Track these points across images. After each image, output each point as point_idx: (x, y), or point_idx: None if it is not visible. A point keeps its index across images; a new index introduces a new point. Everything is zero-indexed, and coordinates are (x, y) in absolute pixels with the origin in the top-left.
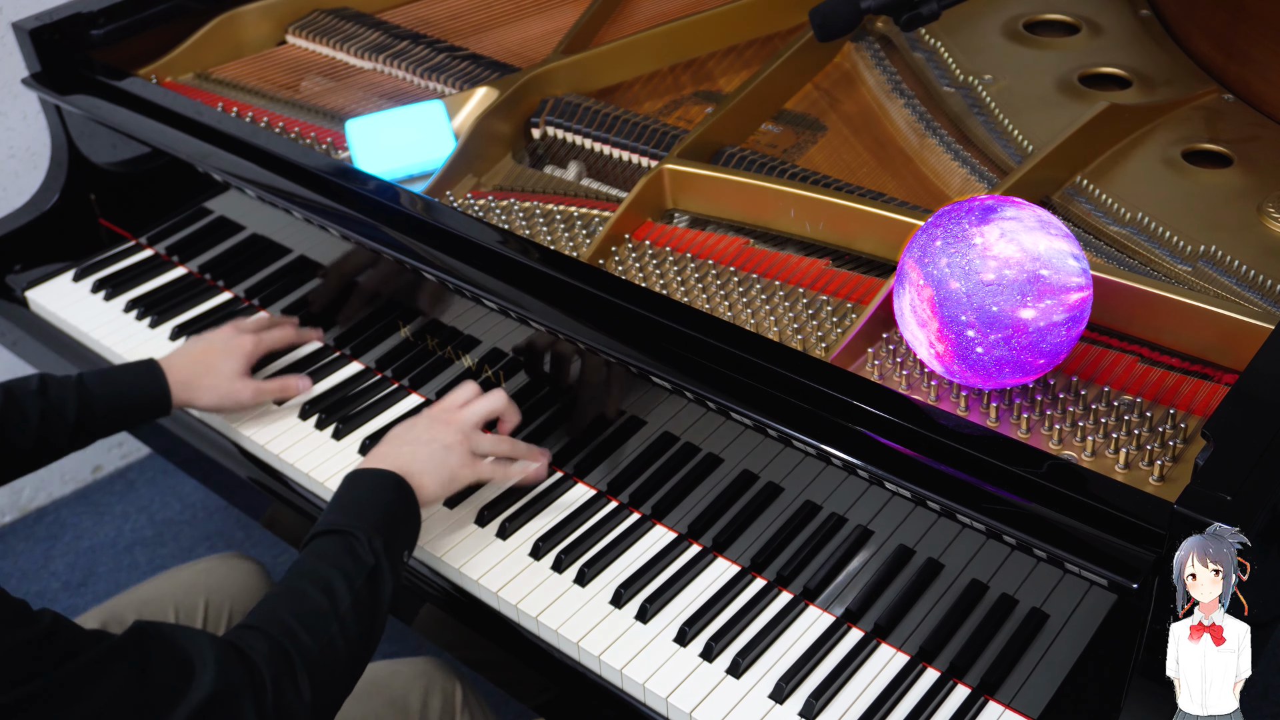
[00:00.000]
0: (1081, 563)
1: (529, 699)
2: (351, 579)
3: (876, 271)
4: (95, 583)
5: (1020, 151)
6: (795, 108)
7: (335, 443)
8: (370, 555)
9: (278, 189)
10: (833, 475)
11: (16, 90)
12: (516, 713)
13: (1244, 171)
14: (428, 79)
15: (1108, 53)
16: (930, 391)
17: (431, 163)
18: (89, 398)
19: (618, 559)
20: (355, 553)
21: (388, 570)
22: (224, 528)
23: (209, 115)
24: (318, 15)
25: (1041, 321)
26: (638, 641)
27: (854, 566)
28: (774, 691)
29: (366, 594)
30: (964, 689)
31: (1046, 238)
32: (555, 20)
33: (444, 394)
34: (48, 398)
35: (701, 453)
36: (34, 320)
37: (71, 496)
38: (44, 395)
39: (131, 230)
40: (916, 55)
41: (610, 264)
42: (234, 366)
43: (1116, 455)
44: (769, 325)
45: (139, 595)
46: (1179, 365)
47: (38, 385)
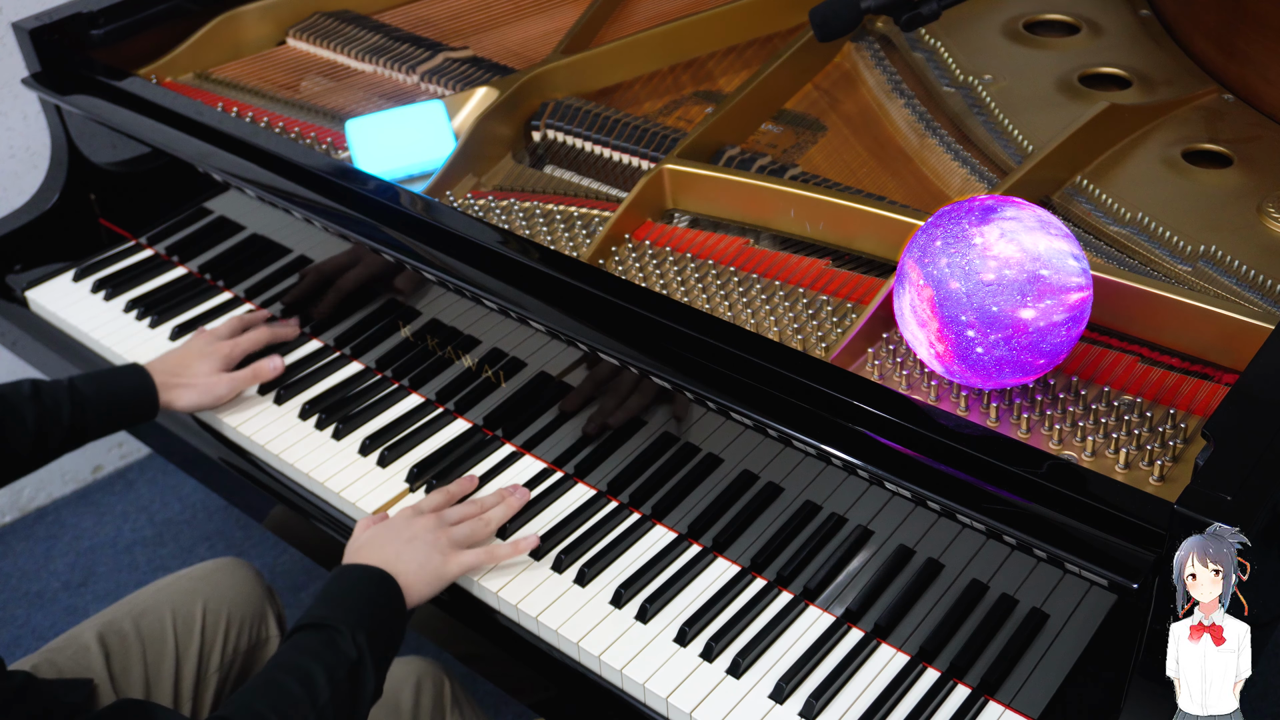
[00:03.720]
0: (1081, 563)
1: (528, 699)
2: (332, 671)
3: (876, 271)
4: (95, 583)
5: (1020, 151)
6: (795, 108)
7: (335, 443)
8: (353, 649)
9: (278, 189)
10: (833, 475)
11: (16, 90)
12: (516, 713)
13: (1244, 171)
14: (428, 80)
15: (1108, 53)
16: (930, 391)
17: (431, 163)
18: (81, 400)
19: (618, 559)
20: (337, 646)
21: (370, 665)
22: (224, 528)
23: (209, 115)
24: (319, 18)
25: (1041, 321)
26: (638, 641)
27: (854, 566)
28: (774, 691)
29: (347, 687)
30: (964, 689)
31: (1046, 238)
32: (555, 20)
33: (444, 394)
34: (42, 402)
35: (701, 453)
36: (34, 320)
37: (71, 496)
38: (38, 399)
39: (131, 230)
40: (916, 55)
41: (610, 264)
42: (209, 367)
43: (1116, 455)
44: (769, 325)
45: (137, 603)
46: (1179, 365)
47: (30, 390)
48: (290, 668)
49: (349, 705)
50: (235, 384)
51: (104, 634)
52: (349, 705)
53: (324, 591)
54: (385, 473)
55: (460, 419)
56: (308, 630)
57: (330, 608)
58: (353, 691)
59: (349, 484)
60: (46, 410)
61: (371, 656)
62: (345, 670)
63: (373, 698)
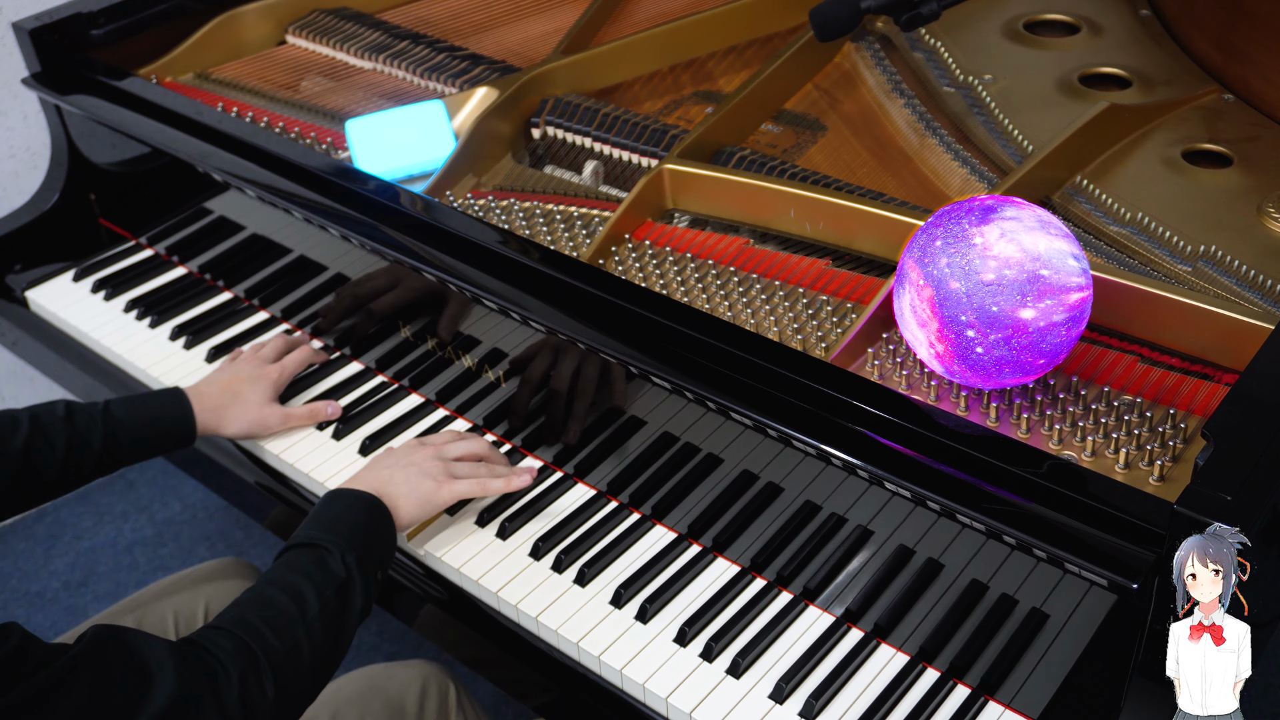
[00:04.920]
0: (1081, 563)
1: (529, 699)
2: (321, 589)
3: (876, 271)
4: (95, 583)
5: (1020, 151)
6: (795, 108)
7: (335, 443)
8: (342, 568)
9: (278, 189)
10: (833, 475)
11: (16, 90)
12: (516, 713)
13: (1244, 171)
14: (428, 79)
15: (1108, 53)
16: (930, 391)
17: (431, 163)
18: (114, 426)
19: (618, 559)
20: (326, 565)
21: (359, 584)
22: (224, 528)
23: (209, 115)
24: (318, 15)
25: (1041, 321)
26: (638, 641)
27: (854, 566)
28: (774, 691)
29: (336, 604)
30: (964, 689)
31: (1046, 238)
32: (555, 20)
33: (444, 394)
34: (75, 426)
35: (701, 453)
36: (34, 320)
37: (71, 496)
38: (71, 423)
39: (131, 230)
40: (916, 55)
41: (610, 264)
42: (261, 394)
43: (1116, 455)
44: (769, 325)
45: (137, 603)
46: (1179, 365)
47: (64, 412)
48: (281, 584)
49: (337, 622)
50: (288, 419)
51: None
52: (337, 622)
53: (315, 513)
54: None
55: (460, 419)
56: (298, 549)
57: (321, 529)
58: (341, 609)
59: None
60: (79, 434)
61: (361, 576)
62: (334, 589)
63: (360, 616)
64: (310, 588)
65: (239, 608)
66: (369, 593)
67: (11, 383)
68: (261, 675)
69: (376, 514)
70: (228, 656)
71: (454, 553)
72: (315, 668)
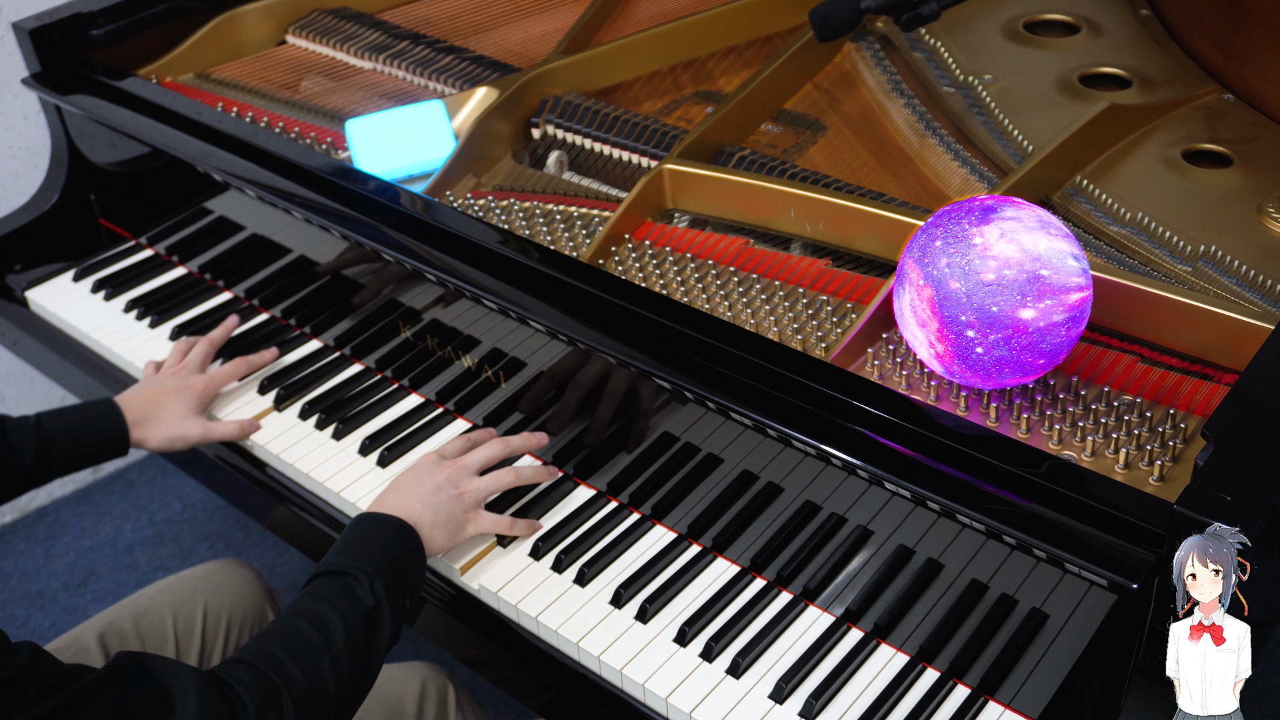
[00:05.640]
0: (1081, 563)
1: (529, 699)
2: (348, 618)
3: (876, 271)
4: (95, 583)
5: (1020, 151)
6: (795, 108)
7: (335, 443)
8: (370, 596)
9: (278, 189)
10: (833, 475)
11: (16, 90)
12: (516, 713)
13: (1244, 171)
14: (428, 79)
15: (1108, 53)
16: (930, 391)
17: (431, 163)
18: (47, 439)
19: (618, 559)
20: (354, 593)
21: (387, 613)
22: (224, 528)
23: (209, 115)
24: (318, 15)
25: (1041, 321)
26: (638, 641)
27: (854, 566)
28: (774, 691)
29: (363, 634)
30: (964, 689)
31: (1046, 238)
32: (555, 20)
33: (444, 393)
34: (7, 440)
35: (701, 453)
36: (34, 320)
37: (71, 496)
38: (3, 438)
39: (131, 230)
40: (916, 55)
41: (610, 264)
42: (184, 407)
43: (1116, 455)
44: (769, 325)
45: (137, 604)
46: (1179, 365)
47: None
48: (307, 614)
49: (365, 652)
50: (209, 433)
51: (104, 635)
52: (365, 652)
53: (343, 539)
54: (385, 473)
55: (460, 419)
56: (325, 577)
57: (348, 555)
58: (369, 638)
59: (349, 484)
60: (11, 448)
61: (389, 604)
62: (361, 617)
63: (389, 645)
64: (337, 618)
65: (264, 639)
66: (397, 620)
67: (11, 383)
68: (283, 709)
69: (405, 537)
70: (247, 690)
71: (454, 553)
72: (340, 699)
